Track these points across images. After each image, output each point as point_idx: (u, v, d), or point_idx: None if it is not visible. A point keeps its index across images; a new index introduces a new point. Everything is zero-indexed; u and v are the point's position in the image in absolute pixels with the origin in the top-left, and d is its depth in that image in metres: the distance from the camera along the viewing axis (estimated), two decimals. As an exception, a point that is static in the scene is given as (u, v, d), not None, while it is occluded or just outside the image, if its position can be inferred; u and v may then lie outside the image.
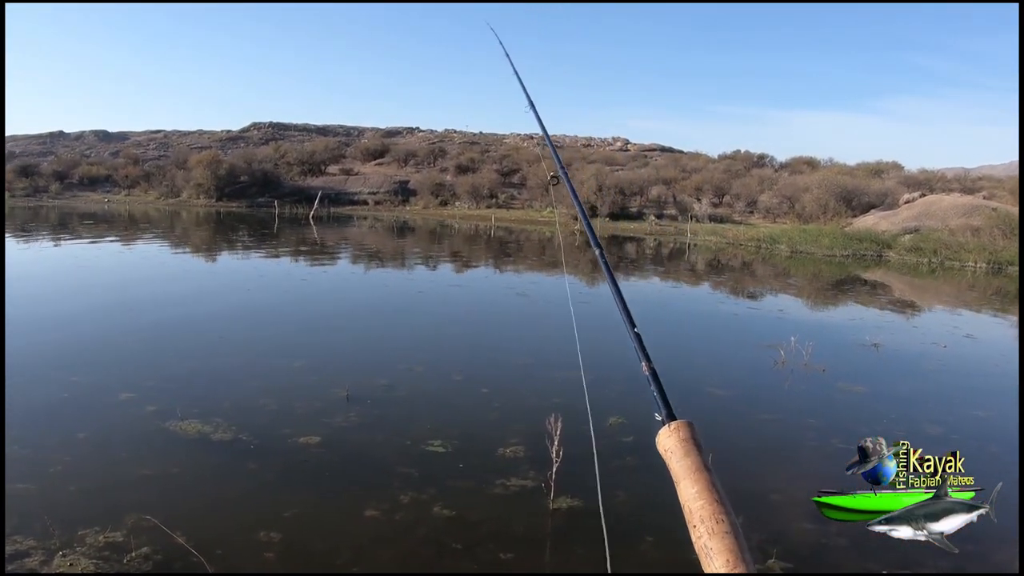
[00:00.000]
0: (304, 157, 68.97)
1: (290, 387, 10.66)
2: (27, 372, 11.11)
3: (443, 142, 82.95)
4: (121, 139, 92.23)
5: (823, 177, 47.87)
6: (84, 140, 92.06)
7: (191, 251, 31.40)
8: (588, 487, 6.93)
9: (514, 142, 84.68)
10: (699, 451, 2.03)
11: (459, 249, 33.74)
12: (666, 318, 18.30)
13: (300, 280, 22.79)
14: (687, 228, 41.60)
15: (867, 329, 16.07)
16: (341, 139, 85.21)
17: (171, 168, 66.52)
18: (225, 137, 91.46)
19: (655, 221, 45.38)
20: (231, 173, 61.56)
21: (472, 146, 78.86)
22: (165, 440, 8.42)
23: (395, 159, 71.08)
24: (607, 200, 47.13)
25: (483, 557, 6.14)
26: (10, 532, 6.14)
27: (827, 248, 33.37)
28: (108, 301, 17.51)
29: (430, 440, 8.56)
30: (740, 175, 54.26)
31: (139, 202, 61.27)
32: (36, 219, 45.37)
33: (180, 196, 60.93)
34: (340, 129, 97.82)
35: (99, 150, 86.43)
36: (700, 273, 27.77)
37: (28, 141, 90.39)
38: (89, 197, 64.28)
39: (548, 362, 12.41)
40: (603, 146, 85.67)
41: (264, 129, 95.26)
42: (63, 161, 73.55)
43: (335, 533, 6.54)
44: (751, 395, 11.32)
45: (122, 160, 74.30)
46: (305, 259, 28.92)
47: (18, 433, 8.48)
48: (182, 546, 5.75)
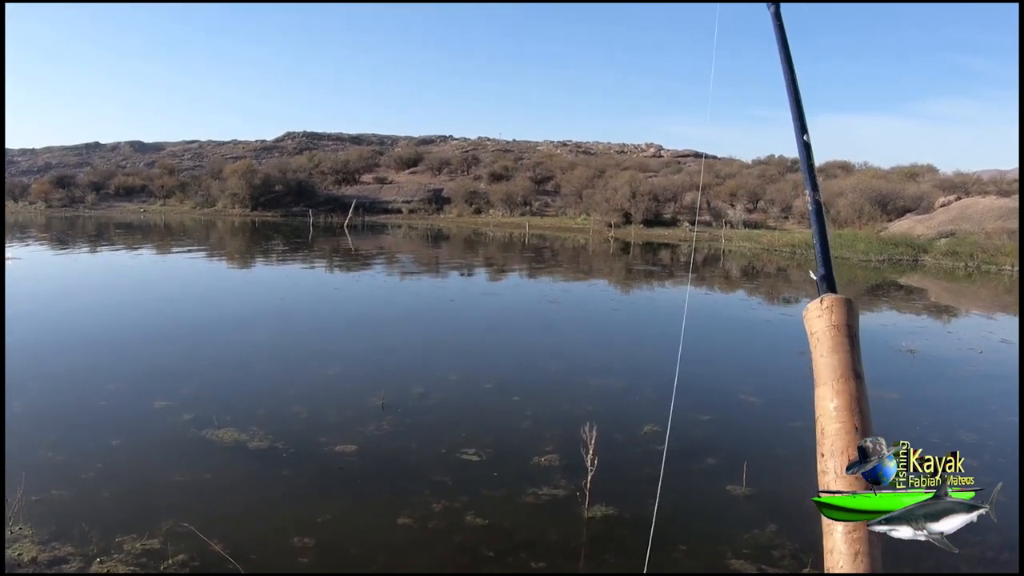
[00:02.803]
0: (338, 166, 69.34)
1: (325, 395, 10.72)
2: (64, 380, 11.25)
3: (476, 150, 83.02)
4: (156, 149, 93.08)
5: (857, 181, 47.46)
6: (120, 151, 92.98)
7: (226, 260, 31.66)
8: (622, 495, 6.92)
9: (547, 149, 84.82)
10: (852, 346, 1.87)
11: (493, 256, 33.77)
12: (699, 324, 18.23)
13: (334, 289, 22.93)
14: (721, 234, 41.44)
15: (902, 334, 15.92)
16: (375, 148, 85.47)
17: (206, 178, 67.15)
18: (259, 147, 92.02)
19: (689, 227, 45.26)
20: (265, 182, 61.99)
21: (505, 154, 78.98)
22: (201, 447, 8.49)
23: (429, 167, 71.33)
24: (641, 207, 47.06)
25: (516, 566, 6.14)
26: (48, 538, 6.21)
27: (862, 253, 33.11)
28: (145, 311, 17.69)
29: (464, 448, 8.58)
30: (774, 180, 54.00)
31: (175, 212, 61.83)
32: (73, 229, 45.90)
33: (215, 206, 61.48)
34: (374, 138, 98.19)
35: (134, 160, 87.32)
36: (734, 279, 27.63)
37: (64, 152, 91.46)
38: (125, 207, 64.94)
39: (580, 369, 12.42)
40: (636, 152, 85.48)
41: (298, 138, 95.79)
42: (99, 172, 74.47)
43: (369, 539, 6.58)
44: (786, 401, 11.21)
45: (157, 170, 75.05)
46: (339, 268, 29.09)
47: (54, 439, 8.58)
48: (218, 552, 5.79)
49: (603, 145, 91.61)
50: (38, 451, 8.18)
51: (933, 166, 58.32)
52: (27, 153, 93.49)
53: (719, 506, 7.45)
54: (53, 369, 11.95)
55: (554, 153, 79.83)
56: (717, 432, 9.60)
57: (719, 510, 7.37)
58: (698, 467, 8.36)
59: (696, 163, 72.09)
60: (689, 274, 20.11)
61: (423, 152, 77.99)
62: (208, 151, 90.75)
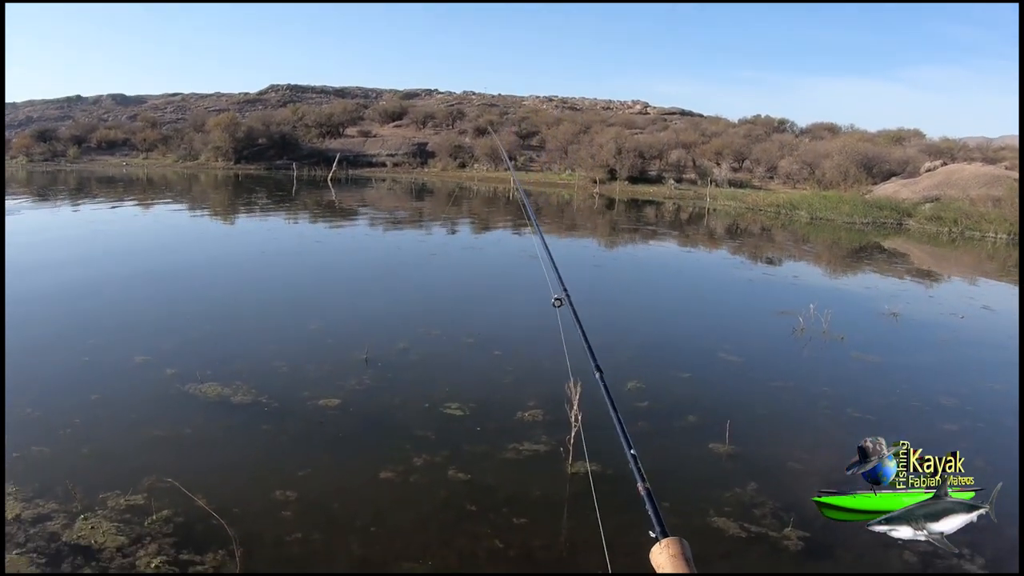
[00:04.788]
0: (322, 119, 68.77)
1: (308, 350, 10.74)
2: (43, 335, 11.22)
3: (461, 104, 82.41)
4: (138, 103, 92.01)
5: (844, 143, 47.31)
6: (101, 104, 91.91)
7: (209, 214, 31.46)
8: (605, 452, 6.95)
9: (533, 104, 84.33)
10: (688, 564, 2.11)
11: (476, 211, 33.70)
12: (682, 283, 18.32)
13: (316, 242, 22.84)
14: (706, 192, 41.38)
15: (885, 298, 15.97)
16: (359, 101, 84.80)
17: (189, 131, 66.39)
18: (243, 99, 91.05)
19: (674, 185, 45.19)
20: (249, 135, 61.41)
21: (491, 108, 78.41)
22: (184, 402, 8.51)
23: (413, 121, 70.78)
24: (626, 163, 46.90)
25: (498, 522, 6.19)
26: (31, 495, 6.23)
27: (847, 215, 33.10)
28: (125, 265, 17.58)
29: (447, 403, 8.63)
30: (760, 140, 53.80)
31: (157, 165, 61.27)
32: (55, 184, 45.46)
33: (198, 159, 60.89)
34: (358, 91, 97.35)
35: (117, 114, 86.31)
36: (718, 238, 27.68)
37: (46, 106, 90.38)
38: (107, 161, 64.28)
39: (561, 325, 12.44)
40: (623, 109, 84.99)
41: (282, 91, 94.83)
42: (81, 125, 73.54)
43: (352, 494, 6.63)
44: (765, 361, 11.33)
45: (140, 123, 74.14)
46: (322, 221, 28.97)
47: (33, 395, 8.58)
48: (202, 508, 5.82)
49: (589, 101, 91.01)
50: (17, 408, 8.15)
51: (920, 131, 58.04)
52: (7, 107, 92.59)
53: (701, 464, 7.52)
54: (32, 324, 11.90)
55: (540, 108, 79.34)
56: (697, 390, 9.67)
57: (701, 468, 7.44)
58: (680, 425, 8.43)
59: (682, 121, 71.96)
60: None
61: (408, 106, 77.30)
62: (191, 104, 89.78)
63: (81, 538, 5.69)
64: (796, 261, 22.48)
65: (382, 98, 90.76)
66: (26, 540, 5.64)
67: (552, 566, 5.68)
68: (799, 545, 5.99)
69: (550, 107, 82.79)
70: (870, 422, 8.73)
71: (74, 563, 5.39)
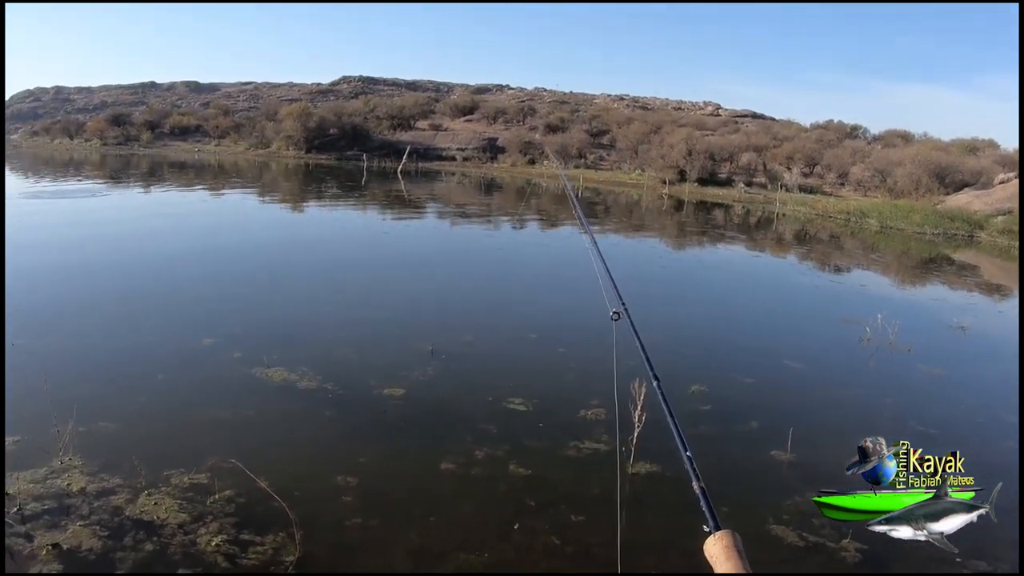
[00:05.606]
0: (394, 111, 69.09)
1: (374, 339, 10.84)
2: (114, 313, 11.44)
3: (533, 100, 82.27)
4: (212, 90, 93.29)
5: (917, 152, 46.43)
6: (175, 91, 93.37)
7: (279, 202, 31.87)
8: (667, 453, 6.89)
9: (604, 103, 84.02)
10: (739, 556, 2.17)
11: (544, 208, 33.65)
12: (748, 286, 18.14)
13: (384, 233, 23.02)
14: (776, 197, 40.93)
15: (953, 311, 15.60)
16: (431, 95, 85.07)
17: (261, 119, 67.24)
18: (315, 90, 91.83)
19: (744, 188, 44.81)
20: (321, 126, 61.93)
21: (562, 105, 78.14)
22: (249, 385, 8.62)
23: (484, 116, 70.86)
24: (696, 165, 46.55)
25: (556, 518, 6.17)
26: (96, 470, 6.36)
27: (917, 225, 32.48)
28: (196, 248, 17.91)
29: (510, 398, 8.62)
30: (832, 145, 53.02)
31: (229, 152, 62.10)
32: (127, 167, 46.29)
33: (269, 147, 61.56)
34: (430, 84, 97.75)
35: (190, 101, 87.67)
36: (786, 243, 27.34)
37: (120, 91, 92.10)
38: (179, 147, 65.33)
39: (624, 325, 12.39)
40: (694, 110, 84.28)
41: (354, 83, 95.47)
42: (154, 111, 74.91)
43: (411, 482, 6.66)
44: (829, 369, 11.16)
45: (213, 111, 75.28)
46: (391, 213, 29.17)
47: (103, 372, 8.78)
48: (263, 489, 5.88)
49: (660, 101, 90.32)
50: (86, 384, 8.35)
51: (994, 141, 56.69)
52: (83, 91, 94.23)
53: (762, 470, 7.44)
54: (104, 302, 12.17)
55: (611, 107, 78.95)
56: (760, 396, 9.55)
57: (762, 474, 7.36)
58: (742, 430, 8.34)
59: (754, 124, 71.30)
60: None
61: (479, 101, 77.40)
62: (264, 93, 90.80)
63: (144, 513, 5.78)
64: (864, 269, 22.11)
65: (453, 92, 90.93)
66: (90, 512, 5.75)
67: (610, 566, 5.64)
68: (856, 557, 5.89)
69: (621, 106, 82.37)
70: (932, 436, 8.57)
71: (136, 537, 5.48)
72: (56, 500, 5.90)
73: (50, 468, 6.33)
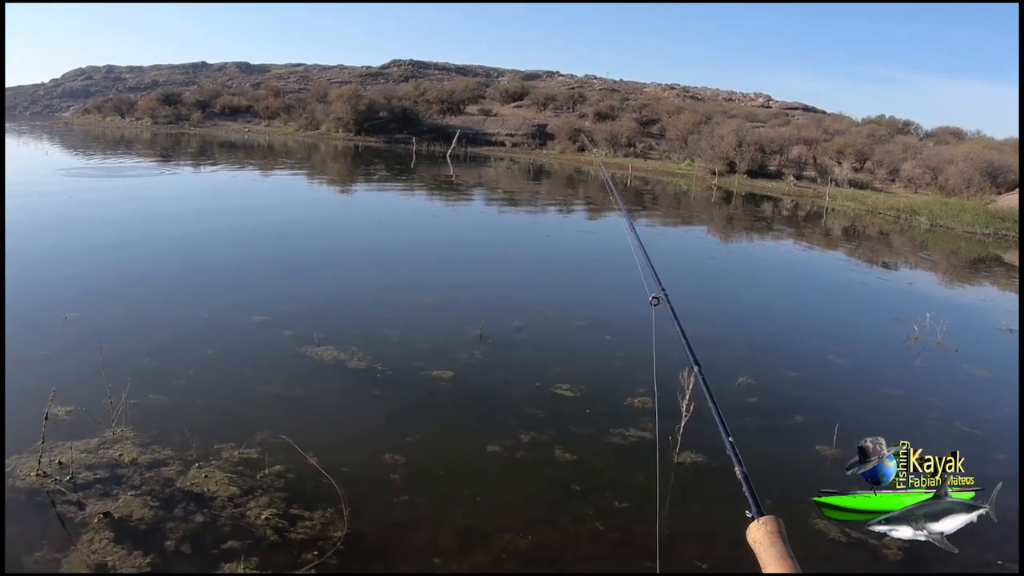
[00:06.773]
0: (443, 96, 69.18)
1: (423, 321, 10.91)
2: (168, 289, 11.60)
3: (583, 88, 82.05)
4: (262, 71, 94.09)
5: (969, 150, 45.65)
6: (226, 71, 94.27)
7: (329, 183, 32.09)
8: (712, 444, 6.89)
9: (654, 92, 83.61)
10: (784, 542, 2.15)
11: (592, 196, 33.53)
12: (795, 280, 18.04)
13: (432, 217, 23.12)
14: (826, 191, 40.49)
15: (1002, 312, 15.31)
16: (480, 79, 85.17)
17: (311, 101, 67.65)
18: (365, 73, 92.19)
19: (794, 182, 44.43)
20: (370, 108, 62.16)
21: (612, 93, 77.74)
22: (300, 363, 8.72)
23: (534, 102, 70.77)
24: (746, 157, 46.23)
25: (601, 504, 6.19)
26: (148, 441, 6.47)
27: (968, 224, 31.97)
28: (247, 227, 18.09)
29: (558, 383, 8.65)
30: (884, 141, 52.35)
31: (279, 133, 62.56)
32: (178, 146, 46.77)
33: (319, 129, 61.91)
34: (480, 69, 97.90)
35: (240, 81, 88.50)
36: (834, 238, 27.03)
37: (172, 71, 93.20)
38: (230, 127, 65.95)
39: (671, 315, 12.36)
40: (745, 101, 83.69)
41: (404, 66, 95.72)
42: (205, 91, 75.81)
43: (459, 464, 6.73)
44: (876, 366, 11.03)
45: (263, 92, 75.89)
46: (439, 197, 29.29)
47: (155, 346, 8.91)
48: (312, 466, 5.96)
49: (711, 91, 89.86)
50: (136, 356, 8.48)
51: (1049, 140, 56.00)
52: (135, 70, 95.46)
53: (808, 465, 7.40)
54: (157, 278, 12.33)
55: (661, 96, 78.57)
56: (806, 390, 9.50)
57: (807, 469, 7.32)
58: (787, 423, 8.30)
59: (804, 117, 70.68)
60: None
61: (529, 87, 77.33)
62: (314, 75, 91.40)
63: (195, 485, 5.87)
64: (912, 268, 21.84)
65: (503, 78, 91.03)
66: (141, 483, 5.85)
67: (653, 557, 5.64)
68: (899, 555, 5.84)
69: (671, 95, 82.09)
70: (978, 437, 8.48)
71: (187, 508, 5.56)
72: (108, 470, 6.00)
73: (102, 439, 6.45)
